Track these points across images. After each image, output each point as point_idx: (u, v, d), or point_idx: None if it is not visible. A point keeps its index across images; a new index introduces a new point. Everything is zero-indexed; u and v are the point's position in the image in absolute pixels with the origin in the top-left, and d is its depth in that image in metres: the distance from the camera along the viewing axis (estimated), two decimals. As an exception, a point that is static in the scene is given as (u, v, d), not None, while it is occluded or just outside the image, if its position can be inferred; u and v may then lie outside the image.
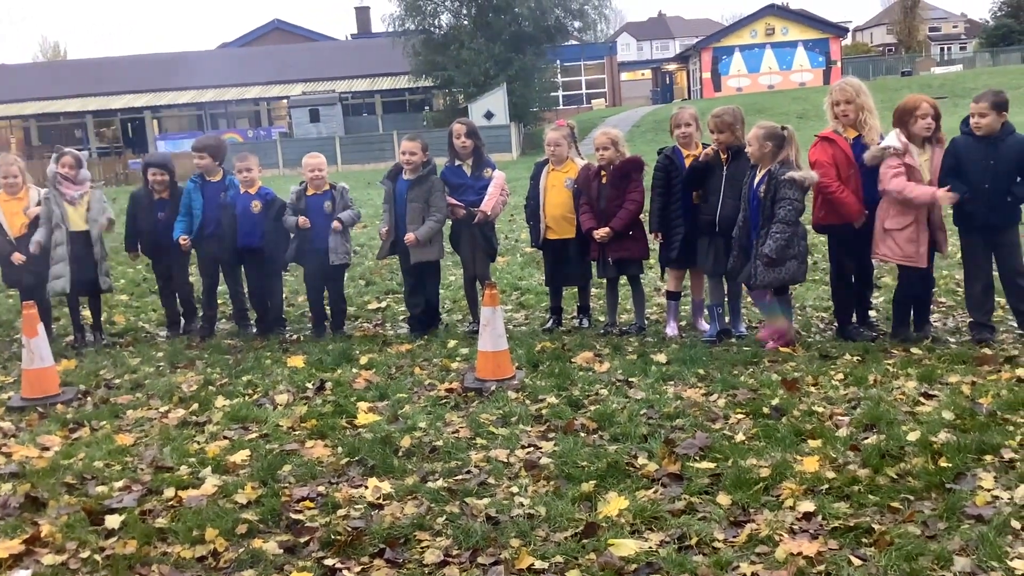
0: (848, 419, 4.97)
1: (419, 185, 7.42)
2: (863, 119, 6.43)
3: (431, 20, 41.21)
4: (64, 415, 5.93)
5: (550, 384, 5.93)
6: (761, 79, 52.75)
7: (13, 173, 7.75)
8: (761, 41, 53.19)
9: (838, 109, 6.47)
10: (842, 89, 6.49)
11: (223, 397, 6.08)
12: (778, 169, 6.26)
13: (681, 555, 3.59)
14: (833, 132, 6.45)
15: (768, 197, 6.26)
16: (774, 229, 6.22)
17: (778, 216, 6.22)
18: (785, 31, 53.11)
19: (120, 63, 51.06)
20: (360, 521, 4.05)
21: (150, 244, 8.10)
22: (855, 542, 3.62)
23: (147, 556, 3.84)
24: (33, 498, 4.48)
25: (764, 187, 6.30)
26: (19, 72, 51.58)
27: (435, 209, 7.42)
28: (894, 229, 6.21)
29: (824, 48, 52.82)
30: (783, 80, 52.23)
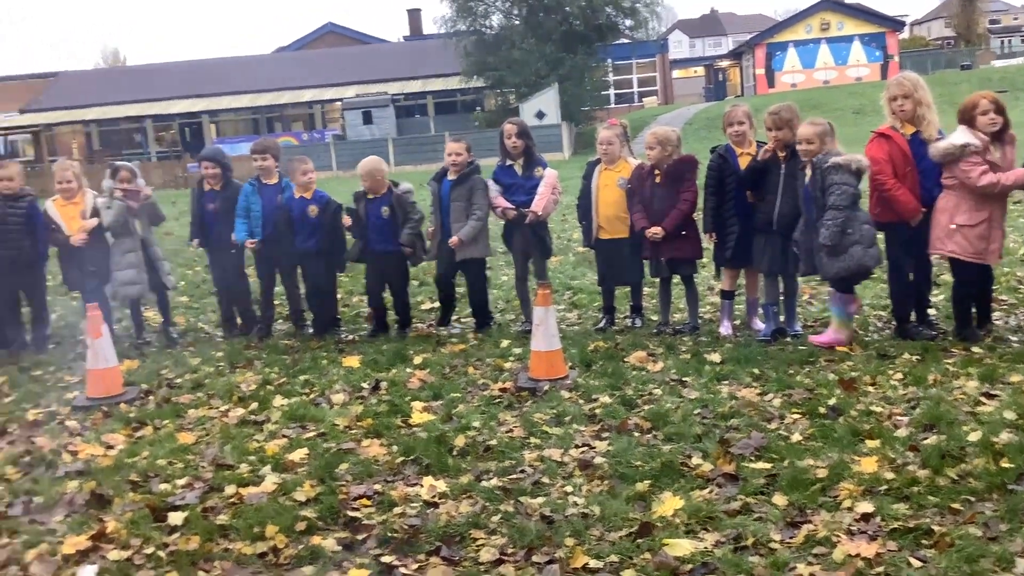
0: (907, 419, 4.90)
1: (461, 185, 7.51)
2: (921, 114, 6.32)
3: (482, 21, 41.34)
4: (128, 414, 6.07)
5: (603, 384, 5.93)
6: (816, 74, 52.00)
7: (68, 178, 7.99)
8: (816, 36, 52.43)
9: (895, 104, 6.36)
10: (899, 84, 6.39)
11: (281, 396, 6.18)
12: (820, 159, 6.20)
13: (737, 555, 3.58)
14: (890, 128, 6.35)
15: (817, 189, 6.19)
16: (826, 216, 6.15)
17: (828, 203, 6.14)
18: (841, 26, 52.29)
19: (178, 68, 52.01)
20: (416, 519, 4.09)
21: (200, 234, 8.25)
22: (915, 544, 3.58)
23: (209, 552, 3.92)
24: (99, 495, 4.60)
25: (811, 181, 6.23)
26: (81, 79, 52.86)
27: (476, 207, 7.50)
28: (966, 225, 6.08)
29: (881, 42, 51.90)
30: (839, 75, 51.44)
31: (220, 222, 8.01)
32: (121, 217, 7.86)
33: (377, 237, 7.61)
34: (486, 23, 41.45)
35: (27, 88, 51.68)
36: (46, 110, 47.81)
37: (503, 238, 7.87)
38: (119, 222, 7.87)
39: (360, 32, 59.61)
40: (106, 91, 49.06)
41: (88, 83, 51.37)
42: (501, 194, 7.52)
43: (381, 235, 7.60)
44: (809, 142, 6.30)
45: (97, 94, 48.70)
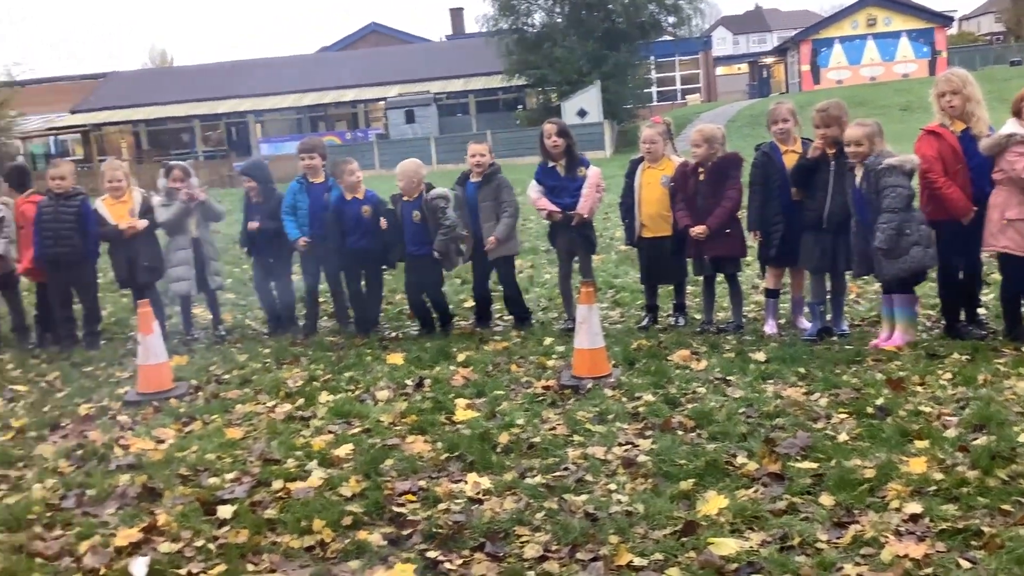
0: (957, 419, 4.83)
1: (487, 185, 7.58)
2: (970, 110, 6.22)
3: (524, 19, 41.37)
4: (177, 409, 6.17)
5: (647, 382, 5.92)
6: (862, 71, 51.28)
7: (118, 178, 8.16)
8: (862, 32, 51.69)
9: (944, 101, 6.27)
10: (948, 80, 6.30)
11: (327, 392, 6.25)
12: (873, 161, 6.13)
13: (783, 555, 3.55)
14: (939, 126, 6.27)
15: (871, 191, 6.12)
16: (881, 220, 6.07)
17: (883, 206, 6.07)
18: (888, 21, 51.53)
19: (224, 69, 52.67)
20: (461, 515, 4.12)
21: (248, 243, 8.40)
22: (964, 544, 3.53)
23: (258, 545, 3.98)
24: (150, 489, 4.69)
25: (864, 183, 6.16)
26: (130, 79, 53.71)
27: (506, 205, 7.56)
28: (1019, 219, 5.99)
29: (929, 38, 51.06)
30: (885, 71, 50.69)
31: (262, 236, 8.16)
32: (177, 216, 8.02)
33: (411, 240, 7.67)
34: (528, 21, 41.48)
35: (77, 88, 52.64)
36: (95, 110, 48.66)
37: (548, 236, 7.88)
38: (175, 220, 8.04)
39: (403, 31, 59.96)
40: (154, 91, 49.83)
41: (137, 83, 52.20)
42: (544, 195, 7.52)
43: (414, 238, 7.65)
44: (858, 144, 6.22)
45: (145, 94, 49.48)
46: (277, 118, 50.05)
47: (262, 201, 8.20)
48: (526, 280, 9.92)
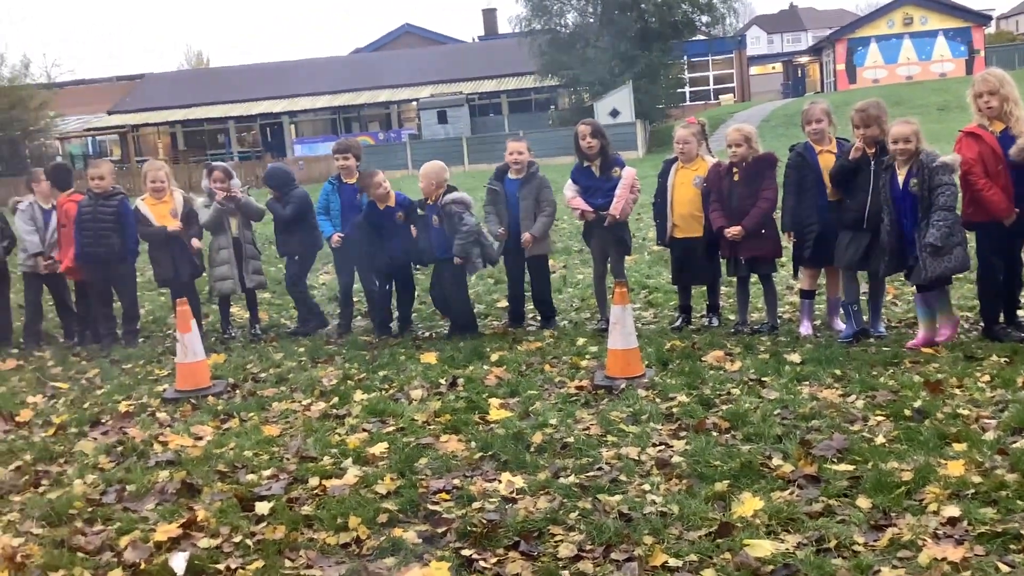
0: (995, 422, 4.78)
1: (528, 183, 7.60)
2: (1008, 110, 6.15)
3: (557, 19, 41.33)
4: (215, 406, 6.24)
5: (680, 383, 5.91)
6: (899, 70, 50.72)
7: (160, 178, 8.28)
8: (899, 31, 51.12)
9: (981, 101, 6.20)
10: (984, 80, 6.23)
11: (361, 391, 6.29)
12: (928, 157, 6.08)
13: (819, 557, 3.54)
14: (978, 127, 6.20)
15: (924, 188, 6.06)
16: (936, 217, 6.02)
17: (938, 204, 6.02)
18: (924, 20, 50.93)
19: (259, 70, 53.12)
20: (495, 514, 4.14)
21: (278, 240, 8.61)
22: (1003, 548, 3.49)
23: (295, 541, 4.02)
24: (189, 485, 4.75)
25: (916, 180, 6.10)
26: (166, 81, 54.34)
27: (545, 204, 7.61)
28: None
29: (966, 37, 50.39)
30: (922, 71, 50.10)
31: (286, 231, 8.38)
32: (216, 216, 8.14)
33: (433, 242, 7.71)
34: (561, 22, 41.44)
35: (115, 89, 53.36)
36: (133, 111, 49.28)
37: (583, 236, 7.89)
38: (214, 221, 8.16)
39: (436, 32, 60.12)
40: (190, 93, 50.38)
41: (173, 85, 52.79)
42: (579, 195, 7.53)
43: (435, 241, 7.69)
44: (907, 141, 6.16)
45: (182, 96, 50.04)
46: (311, 119, 50.40)
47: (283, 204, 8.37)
48: (559, 280, 9.93)
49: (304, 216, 8.32)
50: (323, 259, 10.08)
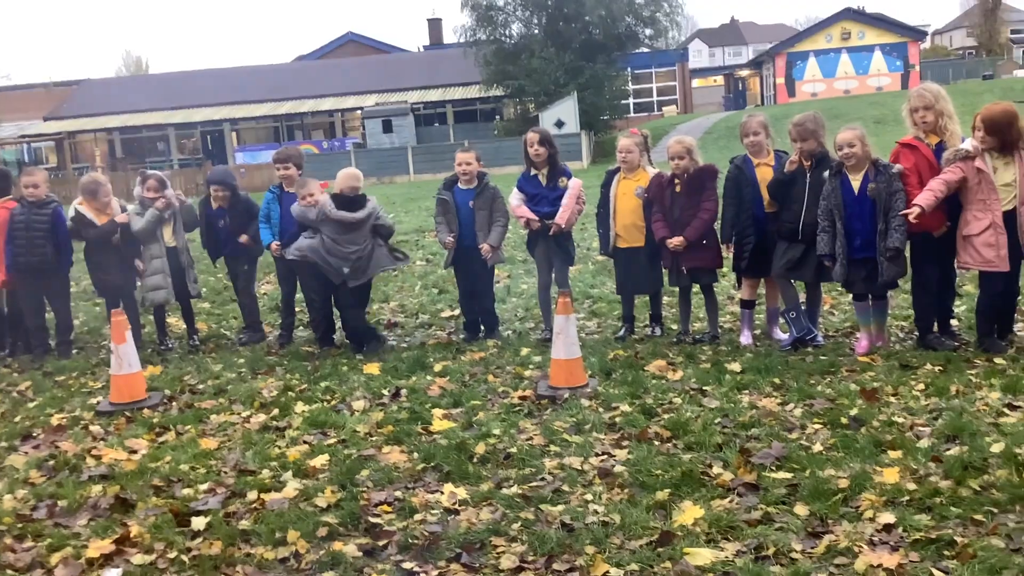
0: (930, 430, 4.88)
1: (483, 194, 7.59)
2: (943, 124, 6.31)
3: (502, 30, 41.51)
4: (151, 419, 6.12)
5: (623, 392, 5.94)
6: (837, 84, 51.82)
7: (107, 192, 8.08)
8: (837, 46, 52.24)
9: (917, 116, 6.35)
10: (920, 95, 6.38)
11: (302, 403, 6.21)
12: (888, 164, 6.24)
13: (758, 565, 3.57)
14: (915, 139, 6.34)
15: (885, 192, 6.18)
16: (897, 222, 6.14)
17: (896, 209, 6.15)
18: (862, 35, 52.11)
19: (200, 76, 52.41)
20: (437, 526, 4.11)
21: (212, 248, 8.54)
22: (937, 555, 3.56)
23: (232, 557, 3.95)
24: (122, 499, 4.64)
25: (875, 184, 6.22)
26: (103, 86, 53.30)
27: (499, 215, 7.59)
28: (972, 235, 6.09)
29: (902, 52, 51.67)
30: (859, 85, 51.24)
31: (232, 234, 8.29)
32: (151, 224, 7.98)
33: None
34: (506, 32, 41.63)
35: (51, 96, 52.18)
36: (69, 118, 48.27)
37: (527, 246, 7.90)
38: (149, 229, 7.99)
39: (380, 41, 59.91)
40: (129, 99, 49.45)
41: (111, 91, 51.81)
42: (525, 203, 7.54)
43: None
44: (851, 145, 6.29)
45: (120, 102, 49.10)
46: (253, 126, 49.89)
47: (227, 206, 8.28)
48: (503, 290, 9.92)
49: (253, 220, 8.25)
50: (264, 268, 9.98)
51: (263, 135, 49.70)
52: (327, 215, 7.32)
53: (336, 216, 7.32)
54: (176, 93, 49.15)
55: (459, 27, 43.16)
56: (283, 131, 48.93)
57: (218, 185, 8.37)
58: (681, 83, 53.97)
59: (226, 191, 8.32)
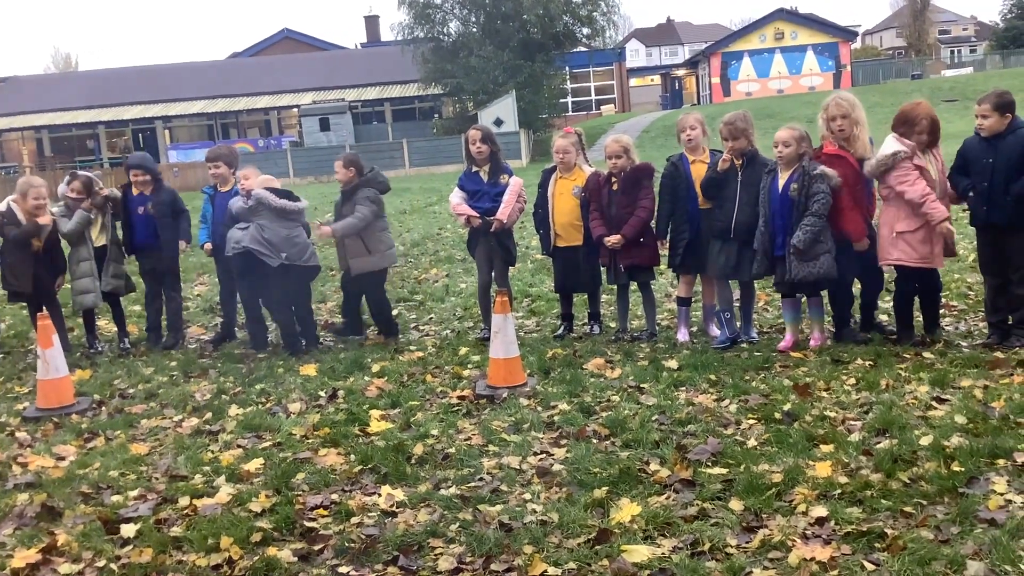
0: (860, 424, 4.97)
1: (348, 201, 7.61)
2: (856, 134, 6.44)
3: (440, 28, 41.40)
4: (79, 425, 5.97)
5: (562, 391, 5.95)
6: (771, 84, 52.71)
7: (43, 195, 7.78)
8: (770, 46, 53.14)
9: (835, 124, 6.46)
10: (837, 104, 6.49)
11: (236, 406, 6.11)
12: (810, 165, 6.30)
13: (694, 561, 3.59)
14: (839, 148, 6.44)
15: (803, 193, 6.27)
16: (805, 222, 6.24)
17: (811, 209, 6.24)
18: (795, 35, 53.06)
19: (131, 73, 51.34)
20: (374, 528, 4.07)
21: (130, 241, 8.13)
22: (868, 547, 3.62)
23: (163, 565, 3.86)
24: (49, 507, 4.52)
25: (796, 185, 6.30)
26: (31, 83, 51.91)
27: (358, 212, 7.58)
28: (907, 231, 6.21)
29: (834, 52, 52.75)
30: (793, 84, 52.18)
31: (150, 224, 7.96)
32: (80, 226, 7.76)
33: None
34: (444, 30, 41.51)
35: (-25, 93, 50.65)
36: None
37: (467, 245, 7.86)
38: (77, 231, 7.77)
39: (317, 38, 59.34)
40: (57, 96, 48.27)
41: (39, 88, 50.48)
42: (466, 200, 7.50)
43: None
44: (786, 144, 6.39)
45: (48, 99, 47.87)
46: (187, 124, 49.04)
47: (150, 193, 8.03)
48: (442, 289, 9.89)
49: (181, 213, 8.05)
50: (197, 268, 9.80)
51: (197, 133, 48.87)
52: (270, 204, 7.22)
53: (278, 204, 7.25)
54: (107, 90, 48.12)
55: (397, 24, 42.89)
56: (217, 129, 48.17)
57: (138, 169, 8.08)
58: (619, 82, 54.42)
59: (146, 175, 8.04)
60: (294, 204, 7.37)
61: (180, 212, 8.08)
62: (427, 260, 12.18)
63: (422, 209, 19.59)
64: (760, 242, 6.50)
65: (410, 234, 14.90)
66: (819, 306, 6.70)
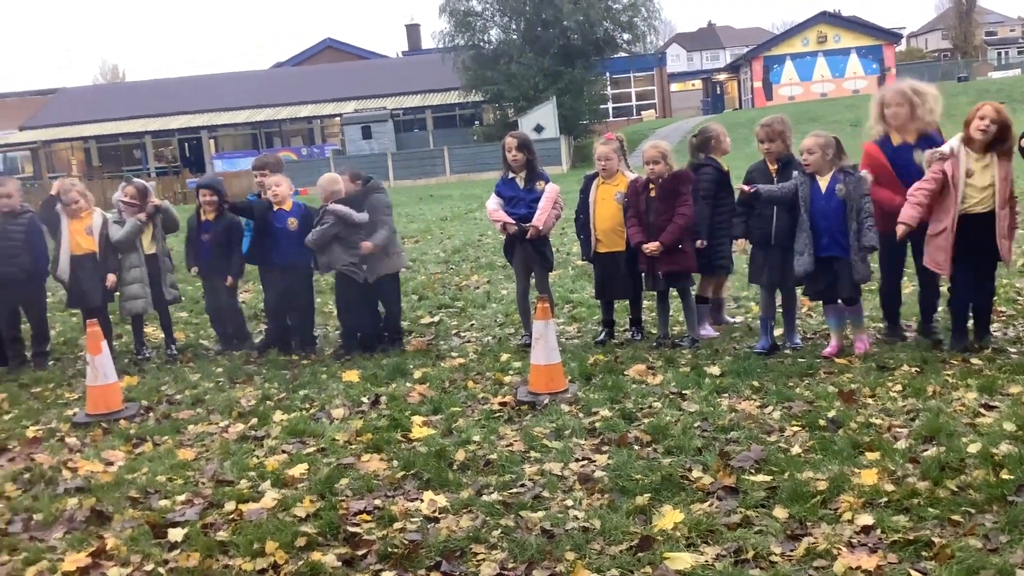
0: (907, 431, 4.90)
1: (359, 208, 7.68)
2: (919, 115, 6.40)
3: (480, 36, 41.60)
4: (127, 430, 6.07)
5: (603, 397, 5.93)
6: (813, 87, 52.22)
7: (75, 199, 7.97)
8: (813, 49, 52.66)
9: (888, 111, 6.43)
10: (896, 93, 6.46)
11: (281, 412, 6.18)
12: (855, 168, 6.35)
13: (738, 569, 3.57)
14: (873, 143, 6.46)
15: (853, 193, 6.26)
16: (870, 222, 6.22)
17: (867, 210, 6.24)
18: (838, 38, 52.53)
19: (177, 84, 52.19)
20: (416, 534, 4.09)
21: (195, 261, 8.27)
22: (915, 556, 3.57)
23: (209, 569, 3.91)
24: (99, 512, 4.59)
25: (842, 185, 6.28)
26: (80, 95, 53.01)
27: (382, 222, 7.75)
28: (932, 235, 6.19)
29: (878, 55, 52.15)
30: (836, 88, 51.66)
31: (212, 253, 8.11)
32: (131, 234, 7.92)
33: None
34: (484, 38, 41.71)
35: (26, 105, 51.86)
36: (45, 127, 47.91)
37: (504, 252, 7.89)
38: (128, 239, 7.92)
39: (359, 47, 59.88)
40: (105, 107, 49.22)
41: (87, 99, 51.53)
42: (502, 207, 7.53)
43: None
44: (810, 152, 6.36)
45: (96, 110, 48.86)
46: (231, 133, 49.71)
47: (214, 219, 8.14)
48: (483, 296, 9.92)
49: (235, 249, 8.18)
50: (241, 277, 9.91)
51: (241, 142, 49.51)
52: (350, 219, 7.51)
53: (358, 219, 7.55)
54: (153, 101, 48.96)
55: (437, 33, 43.09)
56: (262, 138, 48.78)
57: (207, 189, 8.23)
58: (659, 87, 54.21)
59: (214, 196, 8.16)
60: (364, 216, 7.56)
61: (234, 243, 8.09)
62: (468, 266, 12.21)
63: (463, 216, 19.68)
64: (802, 245, 6.43)
65: (451, 241, 14.96)
66: (860, 312, 6.63)
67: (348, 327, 7.82)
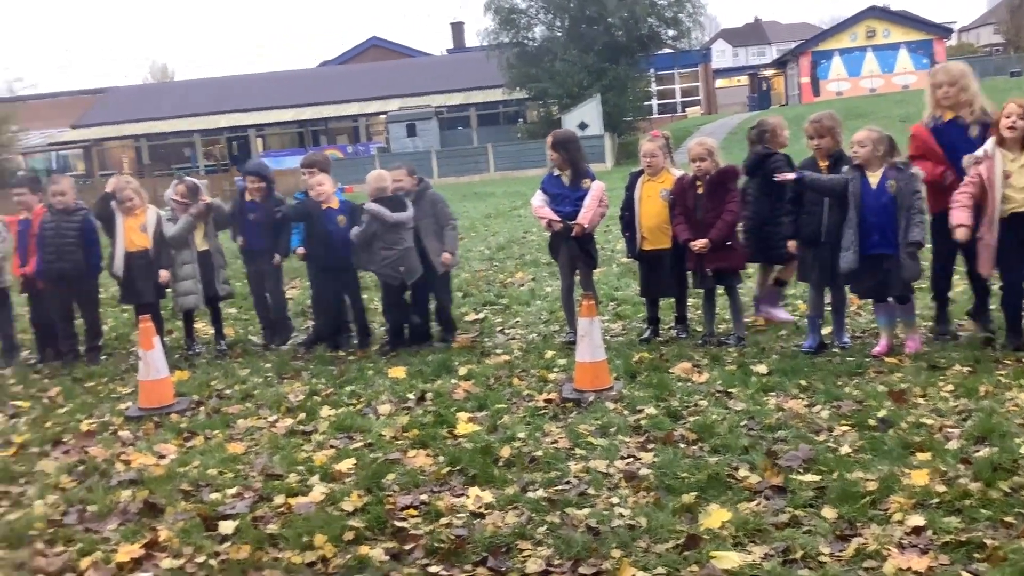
0: (959, 431, 4.83)
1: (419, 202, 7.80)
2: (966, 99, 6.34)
3: (525, 33, 41.61)
4: (179, 424, 6.17)
5: (648, 395, 5.92)
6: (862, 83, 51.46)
7: (129, 196, 8.10)
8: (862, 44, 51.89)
9: (940, 92, 6.38)
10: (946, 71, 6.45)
11: (328, 407, 6.24)
12: (904, 164, 6.28)
13: (786, 569, 3.54)
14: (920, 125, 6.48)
15: (905, 189, 6.20)
16: (918, 219, 6.16)
17: (917, 207, 6.18)
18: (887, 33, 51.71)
19: (225, 83, 52.83)
20: (463, 529, 4.11)
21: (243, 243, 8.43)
22: (967, 557, 3.52)
23: (259, 561, 3.97)
24: (151, 504, 4.68)
25: (893, 181, 6.21)
26: (130, 94, 53.86)
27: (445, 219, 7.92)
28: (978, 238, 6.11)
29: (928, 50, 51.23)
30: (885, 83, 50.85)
31: (258, 233, 8.25)
32: (184, 231, 8.05)
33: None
34: (528, 35, 41.71)
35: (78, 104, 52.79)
36: (96, 125, 48.78)
37: (548, 249, 7.90)
38: (181, 236, 8.05)
39: (404, 46, 60.14)
40: (155, 106, 49.98)
41: (137, 98, 52.35)
42: (547, 204, 7.53)
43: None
44: (861, 145, 6.28)
45: (146, 109, 49.63)
46: (278, 132, 50.23)
47: (261, 200, 8.27)
48: (527, 293, 9.93)
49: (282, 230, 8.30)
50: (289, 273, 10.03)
51: (288, 141, 50.03)
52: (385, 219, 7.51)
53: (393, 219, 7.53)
54: (201, 100, 49.59)
55: (482, 30, 43.27)
56: (308, 136, 49.26)
57: (254, 176, 8.39)
58: (704, 84, 53.78)
59: (261, 181, 8.31)
60: (401, 215, 7.56)
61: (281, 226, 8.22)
62: (512, 264, 12.24)
63: (507, 213, 19.71)
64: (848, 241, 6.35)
65: (495, 238, 14.99)
66: (912, 311, 6.54)
67: (394, 323, 7.88)
